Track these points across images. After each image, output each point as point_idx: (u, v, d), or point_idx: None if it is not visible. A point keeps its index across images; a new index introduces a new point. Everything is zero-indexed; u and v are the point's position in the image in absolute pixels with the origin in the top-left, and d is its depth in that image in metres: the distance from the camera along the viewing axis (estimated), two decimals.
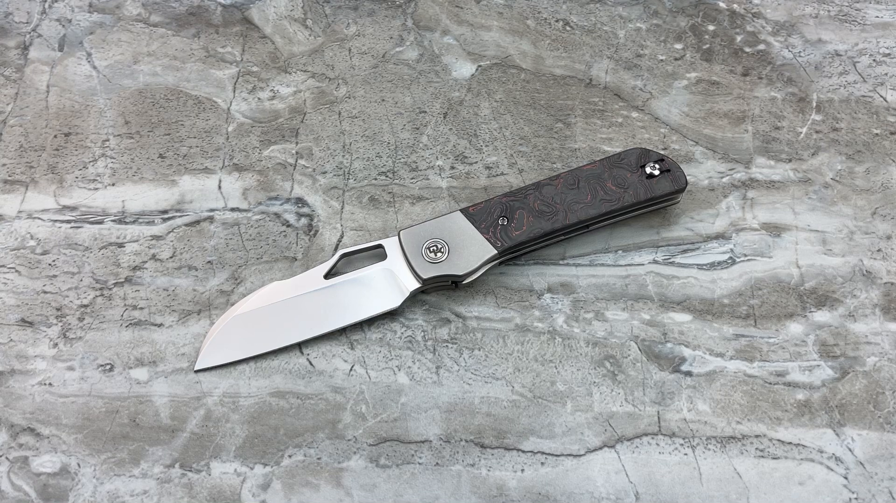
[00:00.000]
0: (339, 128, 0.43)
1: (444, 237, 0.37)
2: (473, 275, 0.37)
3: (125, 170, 0.42)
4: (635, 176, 0.38)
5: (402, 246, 0.37)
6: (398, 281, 0.37)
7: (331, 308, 0.37)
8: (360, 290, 0.37)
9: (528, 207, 0.37)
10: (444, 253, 0.36)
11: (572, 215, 0.37)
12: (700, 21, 0.46)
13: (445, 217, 0.37)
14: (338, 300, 0.37)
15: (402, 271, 0.37)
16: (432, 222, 0.37)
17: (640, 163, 0.38)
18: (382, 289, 0.37)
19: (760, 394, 0.36)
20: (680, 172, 0.38)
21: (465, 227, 0.37)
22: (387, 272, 0.37)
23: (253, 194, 0.41)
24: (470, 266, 0.36)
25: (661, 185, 0.38)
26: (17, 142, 0.42)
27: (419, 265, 0.36)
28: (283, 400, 0.36)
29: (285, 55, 0.45)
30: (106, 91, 0.44)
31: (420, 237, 0.37)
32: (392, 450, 0.35)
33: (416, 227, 0.37)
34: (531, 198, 0.38)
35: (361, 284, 0.37)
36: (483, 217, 0.37)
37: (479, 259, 0.36)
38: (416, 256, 0.36)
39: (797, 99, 0.44)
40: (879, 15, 0.46)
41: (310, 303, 0.37)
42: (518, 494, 0.34)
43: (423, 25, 0.46)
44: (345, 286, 0.37)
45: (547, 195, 0.38)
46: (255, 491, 0.34)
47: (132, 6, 0.47)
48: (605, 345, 0.37)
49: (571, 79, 0.44)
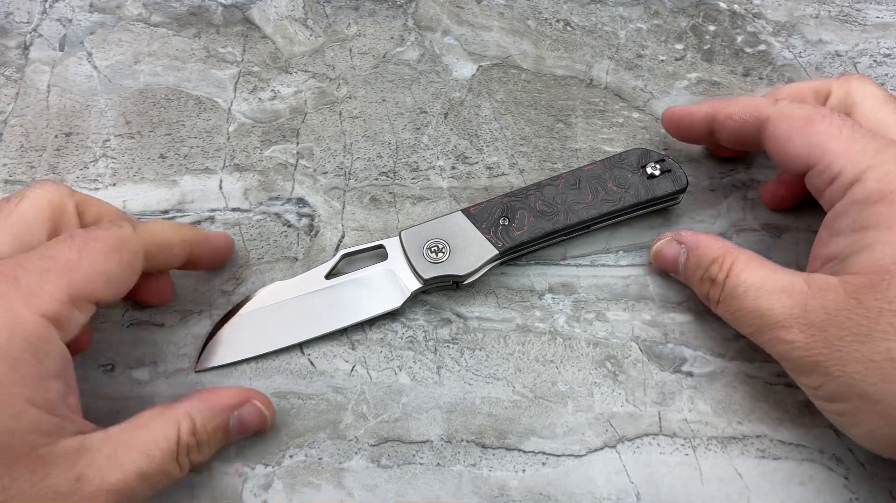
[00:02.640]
0: (339, 128, 0.43)
1: (445, 237, 0.37)
2: (475, 276, 0.37)
3: (126, 170, 0.42)
4: (636, 176, 0.38)
5: (403, 246, 0.37)
6: (399, 281, 0.37)
7: (332, 308, 0.37)
8: (361, 291, 0.37)
9: (529, 208, 0.37)
10: (446, 253, 0.36)
11: (573, 215, 0.37)
12: (701, 21, 0.46)
13: (446, 217, 0.38)
14: (339, 300, 0.37)
15: (403, 271, 0.37)
16: (433, 222, 0.37)
17: (641, 163, 0.38)
18: (383, 290, 0.37)
19: (761, 395, 0.36)
20: (681, 173, 0.38)
21: (467, 228, 0.37)
22: (388, 272, 0.37)
23: (254, 194, 0.41)
24: (471, 266, 0.36)
25: (661, 186, 0.38)
26: (17, 142, 0.42)
27: (420, 265, 0.36)
28: (284, 400, 0.36)
29: (286, 55, 0.45)
30: (107, 91, 0.44)
31: (421, 237, 0.37)
32: (393, 451, 0.35)
33: (417, 228, 0.37)
34: (532, 198, 0.38)
35: (362, 284, 0.37)
36: (484, 217, 0.37)
37: (480, 259, 0.36)
38: (418, 256, 0.36)
39: None
40: (880, 15, 0.46)
41: (311, 304, 0.37)
42: (519, 494, 0.34)
43: (424, 26, 0.46)
44: (346, 286, 0.37)
45: (548, 195, 0.38)
46: (256, 491, 0.34)
47: (133, 6, 0.47)
48: (606, 345, 0.37)
49: (572, 79, 0.44)
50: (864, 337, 0.28)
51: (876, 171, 0.30)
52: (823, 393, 0.30)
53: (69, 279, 0.27)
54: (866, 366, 0.28)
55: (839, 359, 0.29)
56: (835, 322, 0.29)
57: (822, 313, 0.29)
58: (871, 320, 0.28)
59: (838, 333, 0.29)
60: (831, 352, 0.29)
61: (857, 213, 0.30)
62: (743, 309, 0.32)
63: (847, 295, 0.29)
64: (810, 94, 0.37)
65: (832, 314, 0.29)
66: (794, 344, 0.30)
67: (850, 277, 0.29)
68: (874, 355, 0.28)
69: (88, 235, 0.29)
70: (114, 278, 0.29)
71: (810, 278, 0.31)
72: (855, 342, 0.28)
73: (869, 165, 0.30)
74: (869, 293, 0.28)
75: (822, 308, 0.29)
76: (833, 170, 0.31)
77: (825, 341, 0.29)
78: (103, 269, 0.28)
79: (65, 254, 0.28)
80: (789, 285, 0.31)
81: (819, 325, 0.29)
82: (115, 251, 0.29)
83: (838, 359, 0.29)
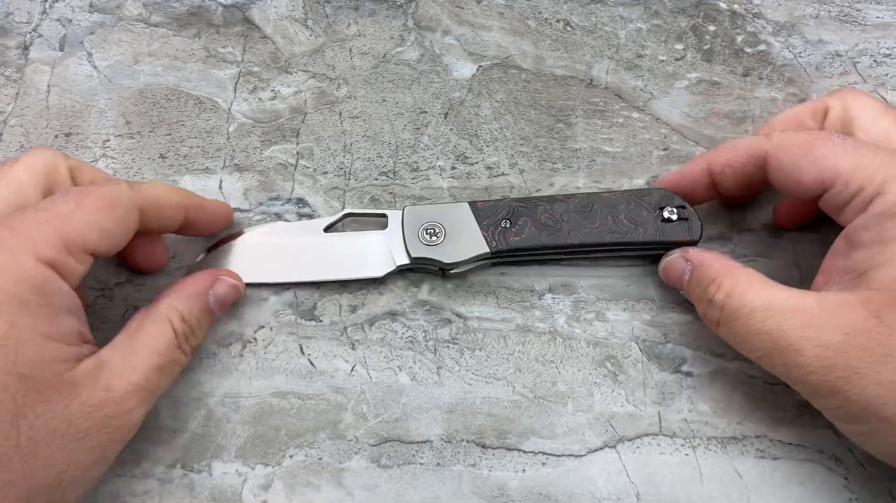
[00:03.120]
0: (339, 128, 0.43)
1: (444, 223, 0.37)
2: (461, 268, 0.37)
3: (126, 170, 0.41)
4: (651, 215, 0.37)
5: (403, 221, 0.38)
6: (390, 253, 0.37)
7: (321, 260, 0.38)
8: (352, 251, 0.38)
9: (534, 217, 0.37)
10: (440, 237, 0.37)
11: (574, 237, 0.36)
12: (701, 21, 0.46)
13: (453, 205, 0.38)
14: (329, 254, 0.38)
15: (396, 245, 0.38)
16: (438, 206, 0.38)
17: (661, 204, 0.37)
18: (373, 256, 0.38)
19: (761, 395, 0.36)
20: (697, 225, 0.36)
21: (468, 220, 0.37)
22: (382, 242, 0.38)
23: (254, 194, 0.41)
24: (459, 257, 0.37)
25: (674, 231, 0.36)
26: (17, 142, 0.42)
27: (412, 243, 0.37)
28: (284, 400, 0.36)
29: (286, 55, 0.45)
30: (106, 91, 0.44)
31: (422, 217, 0.37)
32: (393, 451, 0.35)
33: (421, 207, 0.38)
34: (540, 209, 0.37)
35: (355, 246, 0.38)
36: (488, 214, 0.37)
37: (469, 253, 0.37)
38: (413, 234, 0.37)
39: (798, 99, 0.44)
40: (880, 15, 0.46)
41: (303, 250, 0.38)
42: (519, 494, 0.34)
43: (424, 26, 0.46)
44: (339, 243, 0.38)
45: (556, 211, 0.37)
46: (256, 491, 0.34)
47: (133, 6, 0.46)
48: (606, 345, 0.37)
49: (572, 79, 0.44)
50: (886, 356, 0.27)
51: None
52: (842, 414, 0.29)
53: (64, 228, 0.28)
54: (886, 389, 0.27)
55: (857, 381, 0.27)
56: (854, 343, 0.27)
57: (839, 333, 0.28)
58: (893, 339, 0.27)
59: (858, 354, 0.27)
60: (849, 374, 0.27)
61: (879, 225, 0.29)
62: (751, 332, 0.30)
63: (868, 313, 0.28)
64: (807, 116, 0.36)
65: (851, 334, 0.27)
66: (808, 368, 0.28)
67: (871, 294, 0.28)
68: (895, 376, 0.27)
69: (84, 190, 0.30)
70: (108, 232, 0.30)
71: (823, 297, 0.29)
72: (875, 363, 0.27)
73: (887, 178, 0.29)
74: (891, 311, 0.27)
75: (840, 328, 0.28)
76: (851, 188, 0.30)
77: (845, 363, 0.27)
78: (97, 222, 0.29)
79: (60, 206, 0.29)
80: (799, 304, 0.29)
81: (836, 347, 0.28)
82: (110, 206, 0.30)
83: (857, 381, 0.27)
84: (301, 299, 0.38)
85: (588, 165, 0.42)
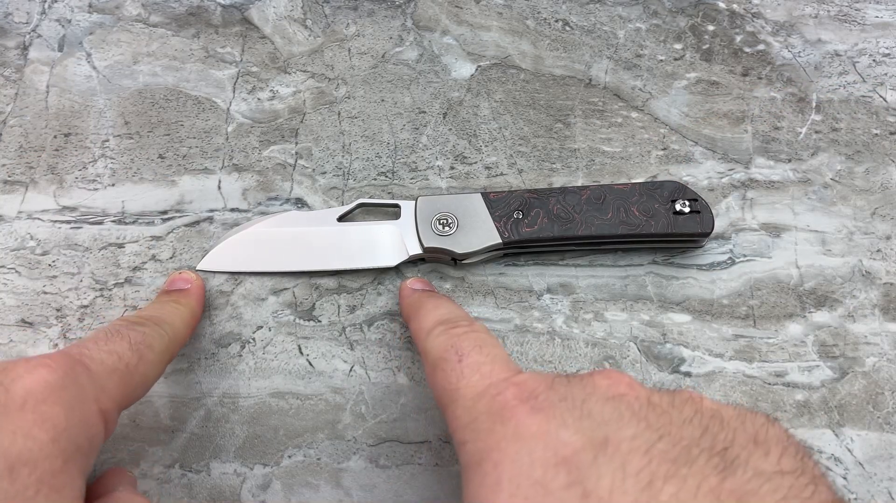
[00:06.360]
0: (338, 128, 0.43)
1: (457, 213, 0.38)
2: (473, 258, 0.38)
3: (125, 170, 0.42)
4: (663, 208, 0.37)
5: (416, 211, 0.38)
6: (403, 242, 0.38)
7: (335, 248, 0.38)
8: (366, 241, 0.38)
9: (546, 209, 0.37)
10: (453, 228, 0.37)
11: (587, 228, 0.37)
12: (700, 21, 0.46)
13: (465, 195, 0.38)
14: (342, 243, 0.38)
15: (409, 234, 0.38)
16: (451, 196, 0.38)
17: (673, 197, 0.37)
18: (386, 246, 0.38)
19: (760, 395, 0.36)
20: (710, 217, 0.37)
21: (481, 210, 0.37)
22: (395, 232, 0.38)
23: (252, 194, 0.41)
24: (472, 247, 0.37)
25: (686, 224, 0.37)
26: (16, 142, 0.42)
27: (425, 233, 0.37)
28: (282, 400, 0.36)
29: (285, 55, 0.45)
30: (105, 91, 0.44)
31: (435, 207, 0.38)
32: (392, 451, 0.35)
33: (434, 198, 0.38)
34: (553, 200, 0.37)
35: (368, 235, 0.38)
36: (501, 205, 0.37)
37: (482, 243, 0.37)
38: (426, 224, 0.37)
39: (797, 99, 0.44)
40: (879, 15, 0.46)
41: (317, 239, 0.38)
42: None
43: (423, 26, 0.46)
44: (353, 232, 0.38)
45: (569, 202, 0.37)
46: (254, 491, 0.34)
47: (132, 6, 0.46)
48: (604, 345, 0.37)
49: (571, 79, 0.44)
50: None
51: None
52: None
53: (127, 382, 0.27)
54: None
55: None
56: None
57: None
58: None
59: None
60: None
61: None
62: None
63: None
64: None
65: None
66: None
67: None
68: None
69: (144, 340, 0.29)
70: (151, 384, 0.29)
71: None
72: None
73: None
74: None
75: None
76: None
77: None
78: (154, 377, 0.29)
79: (127, 356, 0.28)
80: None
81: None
82: (163, 358, 0.30)
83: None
84: (300, 299, 0.38)
85: (587, 165, 0.42)
